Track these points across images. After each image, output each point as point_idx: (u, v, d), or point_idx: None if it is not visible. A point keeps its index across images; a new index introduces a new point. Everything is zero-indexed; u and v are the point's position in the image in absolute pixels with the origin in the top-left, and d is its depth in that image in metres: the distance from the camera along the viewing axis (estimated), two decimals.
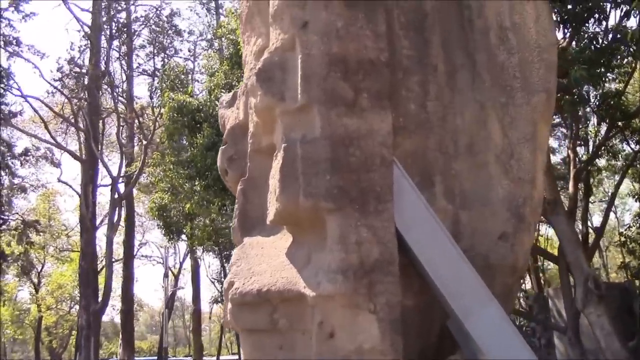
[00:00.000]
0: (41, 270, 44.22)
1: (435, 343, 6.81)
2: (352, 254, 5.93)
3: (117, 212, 23.49)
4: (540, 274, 31.96)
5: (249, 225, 7.05)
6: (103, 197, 33.34)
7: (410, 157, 6.80)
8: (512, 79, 7.22)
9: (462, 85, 7.18)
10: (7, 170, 26.77)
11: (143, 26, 23.29)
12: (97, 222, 25.25)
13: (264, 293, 6.20)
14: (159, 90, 20.09)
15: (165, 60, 23.24)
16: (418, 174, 6.81)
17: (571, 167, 18.88)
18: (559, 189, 18.80)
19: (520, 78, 7.21)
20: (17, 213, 28.93)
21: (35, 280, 43.65)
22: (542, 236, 30.95)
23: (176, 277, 43.87)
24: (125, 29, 23.37)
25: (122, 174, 25.11)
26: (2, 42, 23.91)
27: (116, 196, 22.61)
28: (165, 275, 38.74)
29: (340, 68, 6.39)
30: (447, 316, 6.61)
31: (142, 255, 44.62)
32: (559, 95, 15.42)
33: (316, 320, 6.02)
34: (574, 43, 14.30)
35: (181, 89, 19.34)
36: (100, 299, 21.86)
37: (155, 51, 23.31)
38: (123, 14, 24.37)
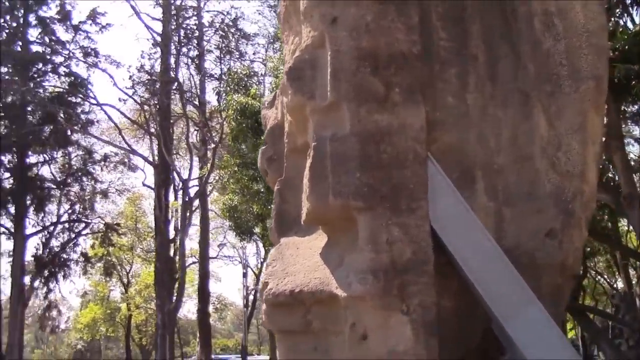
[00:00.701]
0: (130, 271, 46.13)
1: (479, 346, 6.51)
2: (382, 254, 5.76)
3: (188, 214, 24.19)
4: (634, 272, 30.35)
5: (286, 226, 7.00)
6: None
7: (448, 152, 6.54)
8: (559, 66, 6.80)
9: (504, 75, 6.83)
10: (88, 176, 28.14)
11: (210, 31, 23.90)
12: (172, 225, 26.20)
13: (296, 294, 6.14)
14: (224, 94, 20.50)
15: (232, 63, 23.76)
16: (457, 169, 6.53)
17: None
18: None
19: (567, 65, 6.78)
20: (100, 217, 30.39)
21: (125, 280, 45.56)
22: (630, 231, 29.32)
23: (257, 277, 44.57)
24: (192, 35, 24.03)
25: (191, 177, 25.93)
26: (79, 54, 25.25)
27: (187, 199, 23.28)
28: (244, 275, 39.43)
29: (370, 63, 6.23)
30: (491, 318, 6.31)
31: (224, 256, 45.62)
32: (634, 82, 14.57)
33: (349, 322, 5.90)
34: None
35: (245, 92, 19.62)
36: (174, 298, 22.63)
37: (222, 55, 23.82)
38: (192, 19, 25.10)
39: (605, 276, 35.82)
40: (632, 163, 21.92)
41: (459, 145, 6.60)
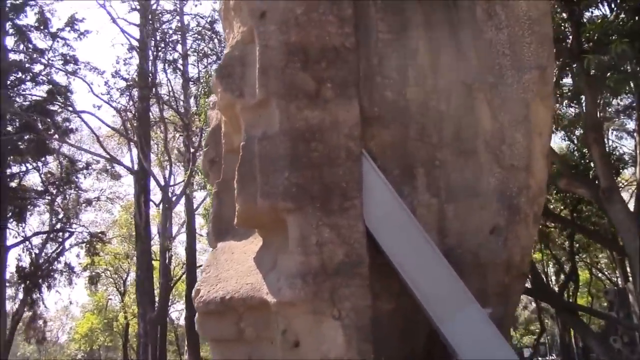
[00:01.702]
0: (126, 279, 45.65)
1: (425, 348, 6.23)
2: (312, 256, 5.50)
3: (169, 221, 23.91)
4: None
5: (223, 230, 6.73)
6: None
7: (388, 148, 6.28)
8: (501, 56, 6.55)
9: (446, 67, 6.57)
10: (71, 185, 27.84)
11: (188, 35, 23.60)
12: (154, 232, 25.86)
13: (227, 301, 5.87)
14: (199, 97, 20.24)
15: (210, 67, 23.47)
16: (398, 166, 6.28)
17: (638, 151, 17.56)
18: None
19: (510, 55, 6.54)
20: (84, 225, 30.11)
21: (122, 289, 45.10)
22: None
23: None
24: (169, 39, 23.76)
25: (171, 183, 25.56)
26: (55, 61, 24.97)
27: (167, 205, 22.99)
28: None
29: (300, 58, 5.98)
30: None
31: None
32: (608, 74, 14.33)
33: (280, 329, 5.64)
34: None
35: None
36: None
37: (199, 58, 23.56)
38: (172, 23, 24.85)
39: (607, 272, 35.52)
40: (626, 157, 21.74)
41: (399, 141, 6.34)
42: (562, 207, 24.87)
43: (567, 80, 19.72)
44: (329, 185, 5.72)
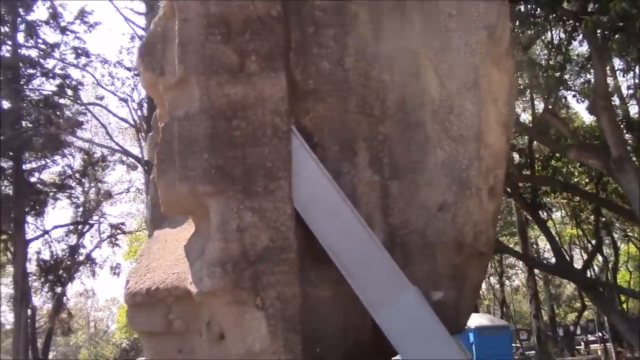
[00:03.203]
0: None
1: (371, 337, 5.80)
2: (232, 243, 5.13)
3: None
4: None
5: (160, 217, 6.40)
6: None
7: (325, 123, 5.84)
8: (448, 18, 6.02)
9: (390, 33, 6.07)
10: (88, 177, 28.04)
11: None
12: None
13: (153, 292, 5.55)
14: None
15: None
16: (336, 142, 5.84)
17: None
18: None
19: (457, 16, 6.00)
20: (104, 216, 30.35)
21: None
22: None
23: None
24: None
25: None
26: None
27: None
28: None
29: (222, 30, 5.56)
30: None
31: None
32: (608, 37, 13.49)
33: (205, 320, 5.30)
34: None
35: None
36: None
37: None
38: None
39: None
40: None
41: (338, 115, 5.89)
42: (586, 181, 23.91)
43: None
44: (253, 166, 5.32)
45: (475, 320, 17.86)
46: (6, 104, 25.67)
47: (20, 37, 26.99)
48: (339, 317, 5.60)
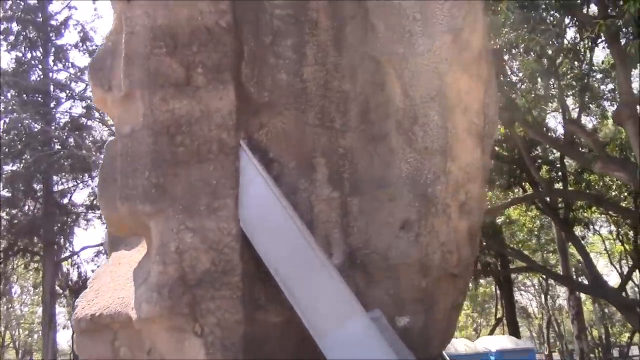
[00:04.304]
0: None
1: None
2: (170, 266, 4.83)
3: None
4: None
5: (119, 239, 6.14)
6: None
7: (281, 138, 5.51)
8: (412, 22, 5.63)
9: (351, 40, 5.73)
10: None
11: None
12: None
13: (96, 318, 5.28)
14: None
15: None
16: (293, 157, 5.50)
17: None
18: None
19: (421, 20, 5.61)
20: None
21: None
22: None
23: None
24: None
25: None
26: None
27: None
28: None
29: (167, 42, 5.31)
30: None
31: None
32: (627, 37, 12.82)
33: (146, 348, 4.99)
34: None
35: None
36: None
37: None
38: None
39: None
40: None
41: (295, 128, 5.55)
42: (626, 195, 22.82)
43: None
44: (196, 184, 5.03)
45: (498, 342, 17.10)
46: (36, 127, 26.26)
47: (50, 61, 27.65)
48: (291, 344, 5.21)
